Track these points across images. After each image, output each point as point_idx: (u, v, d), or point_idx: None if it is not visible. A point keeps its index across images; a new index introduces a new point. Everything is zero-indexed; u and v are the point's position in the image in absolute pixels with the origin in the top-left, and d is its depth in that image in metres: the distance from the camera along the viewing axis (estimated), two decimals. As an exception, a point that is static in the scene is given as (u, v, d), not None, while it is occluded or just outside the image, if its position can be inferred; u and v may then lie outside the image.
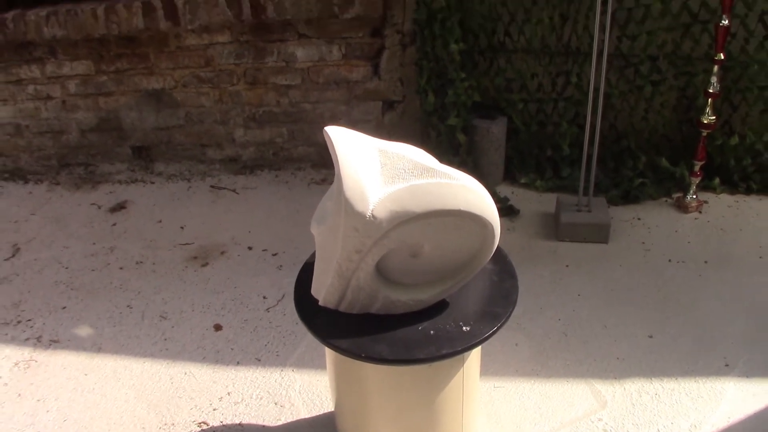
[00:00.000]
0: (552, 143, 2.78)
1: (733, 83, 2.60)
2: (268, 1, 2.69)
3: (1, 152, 3.42)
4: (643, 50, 2.60)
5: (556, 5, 2.59)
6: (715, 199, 2.72)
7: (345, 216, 1.17)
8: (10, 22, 3.01)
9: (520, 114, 2.78)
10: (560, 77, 2.70)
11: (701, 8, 2.50)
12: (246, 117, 3.03)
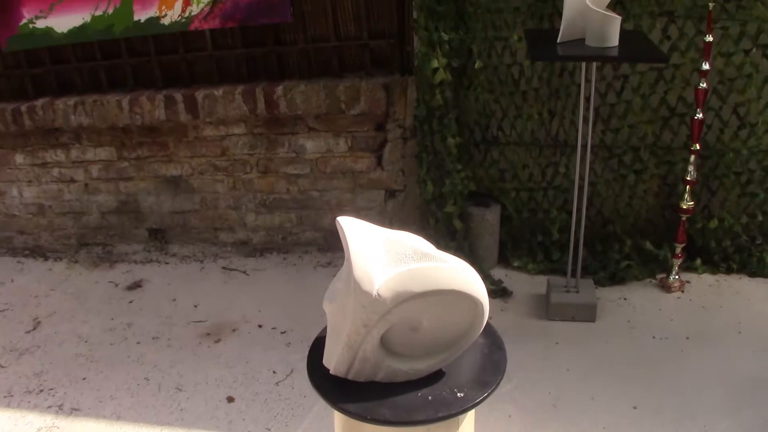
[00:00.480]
0: (543, 229, 3.05)
1: (710, 170, 2.88)
2: (281, 98, 3.02)
3: (23, 230, 3.69)
4: (626, 142, 2.90)
5: (544, 102, 2.91)
6: (697, 278, 2.95)
7: (354, 295, 1.41)
8: (39, 109, 3.34)
9: (513, 202, 3.06)
10: (549, 168, 3.00)
11: (678, 102, 2.80)
12: (257, 203, 3.32)
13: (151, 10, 3.15)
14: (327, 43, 3.05)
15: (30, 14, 3.32)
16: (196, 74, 3.25)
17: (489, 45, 2.86)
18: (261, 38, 3.11)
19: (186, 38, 3.19)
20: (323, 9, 3.00)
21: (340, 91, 2.94)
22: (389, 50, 3.01)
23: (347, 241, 1.41)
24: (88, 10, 3.23)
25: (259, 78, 3.16)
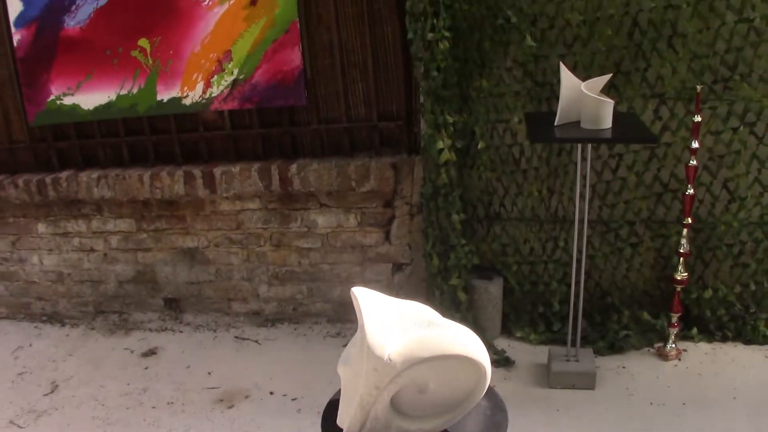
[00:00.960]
0: (544, 300, 3.25)
1: (703, 243, 3.09)
2: (294, 175, 3.28)
3: (42, 297, 3.91)
4: (622, 217, 3.13)
5: (543, 180, 3.16)
6: (693, 347, 3.12)
7: (367, 359, 1.61)
8: (63, 181, 3.61)
9: (515, 275, 3.27)
10: (549, 242, 3.22)
11: (671, 179, 3.04)
12: (270, 275, 3.54)
13: (173, 90, 3.46)
14: (339, 124, 3.34)
15: (58, 91, 3.64)
16: (214, 152, 3.53)
17: (491, 127, 3.13)
18: (277, 119, 3.40)
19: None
20: (336, 93, 3.30)
21: (351, 170, 3.21)
22: (397, 131, 3.29)
23: (361, 309, 1.62)
24: (114, 89, 3.54)
25: (274, 156, 3.43)
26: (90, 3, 3.46)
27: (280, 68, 3.30)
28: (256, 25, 3.27)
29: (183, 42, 3.38)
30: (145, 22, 3.41)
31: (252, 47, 3.30)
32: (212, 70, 3.38)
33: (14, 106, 3.77)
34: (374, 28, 3.19)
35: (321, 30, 3.25)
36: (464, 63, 3.08)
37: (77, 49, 3.54)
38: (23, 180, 3.72)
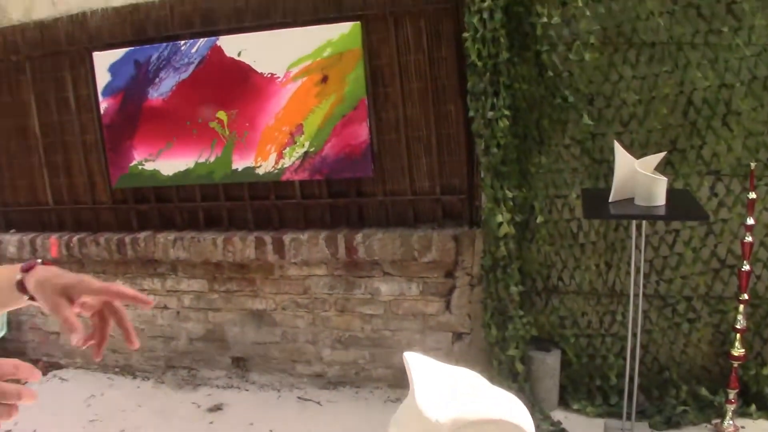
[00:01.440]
0: (601, 374, 3.57)
1: (761, 318, 3.36)
2: (360, 244, 3.72)
3: (115, 349, 4.44)
4: (679, 292, 3.43)
5: (601, 254, 3.52)
6: (752, 424, 3.34)
7: (417, 421, 2.00)
8: (142, 241, 4.15)
9: (573, 347, 3.61)
10: (607, 315, 3.56)
11: (728, 254, 3.33)
12: (333, 339, 3.97)
13: (248, 160, 3.97)
14: (403, 196, 3.78)
15: (140, 157, 4.21)
16: (284, 219, 4.01)
17: (550, 202, 3.52)
18: (344, 190, 3.87)
19: (277, 187, 3.97)
20: (401, 167, 3.74)
21: (414, 241, 3.63)
22: (459, 205, 3.71)
23: (412, 373, 2.02)
24: (192, 157, 4.08)
25: (341, 225, 3.89)
26: (173, 76, 4.03)
27: (348, 142, 3.77)
28: (327, 101, 3.76)
29: (258, 115, 3.90)
30: (224, 96, 3.95)
31: (322, 122, 3.79)
32: (285, 143, 3.88)
33: (99, 169, 4.36)
34: (438, 106, 3.64)
35: (388, 107, 3.71)
36: (523, 140, 3.48)
37: (159, 119, 4.10)
38: (104, 238, 4.28)
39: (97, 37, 4.17)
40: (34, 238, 4.52)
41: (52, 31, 4.31)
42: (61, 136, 4.43)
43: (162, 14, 4.00)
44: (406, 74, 3.65)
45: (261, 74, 3.84)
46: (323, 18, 3.68)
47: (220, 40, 3.88)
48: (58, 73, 4.34)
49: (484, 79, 3.30)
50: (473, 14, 3.27)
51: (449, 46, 3.53)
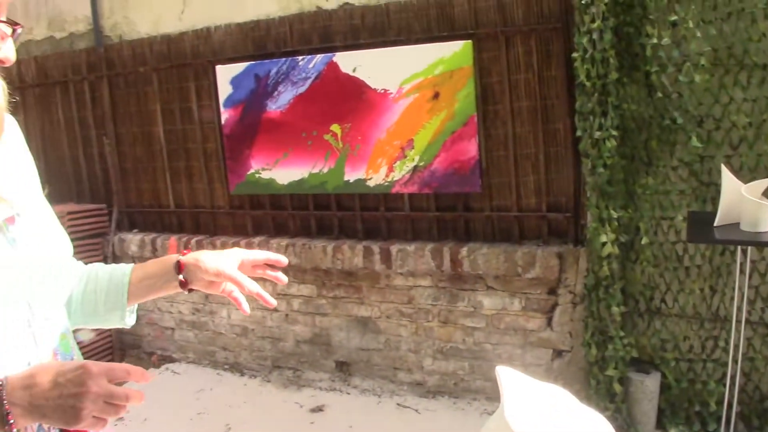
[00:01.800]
0: (700, 399, 3.74)
1: None
2: (465, 258, 4.04)
3: (226, 347, 4.94)
4: (788, 321, 3.59)
5: (706, 278, 3.69)
6: None
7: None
8: (255, 245, 4.55)
9: (673, 371, 3.78)
10: (709, 341, 3.72)
11: None
12: (435, 349, 4.30)
13: (359, 172, 4.37)
14: (510, 212, 4.06)
15: (257, 166, 4.69)
16: (393, 230, 4.38)
17: (656, 223, 3.72)
18: (452, 204, 4.20)
19: (387, 199, 4.35)
20: (508, 183, 4.04)
21: (518, 256, 3.91)
22: (565, 223, 3.97)
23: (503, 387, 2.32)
24: (307, 168, 4.52)
25: (447, 239, 4.22)
26: (290, 90, 4.48)
27: (457, 158, 4.10)
28: (438, 117, 4.11)
29: (371, 129, 4.29)
30: (338, 110, 4.36)
31: (433, 137, 4.14)
32: (395, 156, 4.25)
33: (218, 176, 4.87)
34: (547, 124, 3.91)
35: (497, 124, 4.02)
36: (631, 160, 3.71)
37: (277, 130, 4.57)
38: (220, 242, 4.78)
39: (220, 51, 4.68)
40: (155, 238, 5.09)
41: (178, 45, 4.87)
42: (184, 143, 4.97)
43: (282, 31, 4.46)
44: (516, 92, 3.94)
45: (374, 90, 4.22)
46: (436, 36, 4.02)
47: (336, 57, 4.29)
48: (183, 84, 4.89)
49: (592, 99, 3.54)
50: (583, 35, 3.52)
51: (559, 65, 3.79)
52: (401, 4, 4.10)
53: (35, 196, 1.34)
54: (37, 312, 1.22)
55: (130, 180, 5.33)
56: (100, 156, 5.39)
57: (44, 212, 1.35)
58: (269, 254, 1.54)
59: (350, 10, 4.25)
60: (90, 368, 1.06)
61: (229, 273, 1.43)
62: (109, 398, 1.06)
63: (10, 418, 1.04)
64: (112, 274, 1.50)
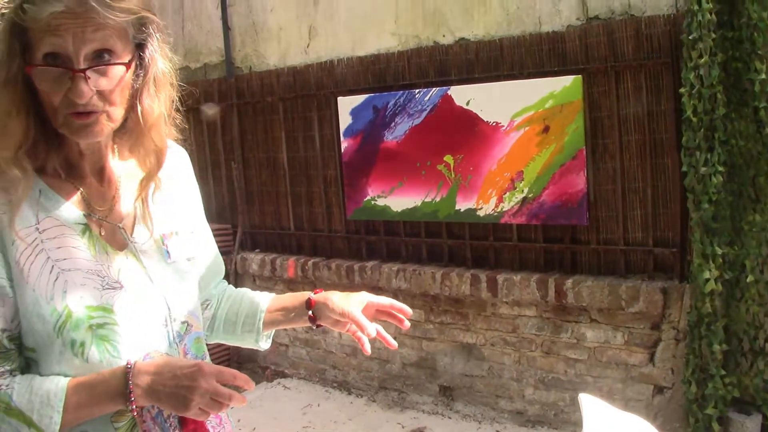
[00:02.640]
0: (807, 443, 3.85)
1: None
2: (569, 289, 4.31)
3: (335, 366, 5.38)
4: None
5: (819, 322, 3.81)
6: None
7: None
8: (369, 269, 5.04)
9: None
10: (817, 385, 3.83)
11: None
12: (537, 379, 4.58)
13: (470, 202, 4.73)
14: (616, 246, 4.30)
15: (374, 193, 5.14)
16: (500, 259, 4.70)
17: (762, 261, 3.83)
18: (559, 236, 4.48)
19: (496, 228, 4.68)
20: (615, 217, 4.29)
21: (623, 290, 4.14)
22: (671, 258, 4.16)
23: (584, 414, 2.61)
24: (420, 196, 4.92)
25: (553, 269, 4.50)
26: (406, 121, 4.92)
27: (565, 190, 4.39)
28: (547, 150, 4.42)
29: (482, 161, 4.65)
30: (452, 141, 4.75)
31: (542, 169, 4.45)
32: (505, 187, 4.58)
33: (336, 201, 5.36)
34: (655, 158, 4.13)
35: (606, 158, 4.28)
36: (738, 197, 3.85)
37: (393, 160, 5.01)
38: (336, 264, 5.26)
39: (342, 83, 5.19)
40: (275, 258, 5.64)
41: (303, 77, 5.42)
42: (306, 169, 5.51)
43: (400, 64, 4.91)
44: (625, 126, 4.19)
45: (487, 122, 4.59)
46: (547, 71, 4.35)
47: (450, 90, 4.69)
48: (307, 113, 5.43)
49: (698, 135, 3.75)
50: (690, 70, 3.73)
51: (668, 100, 4.02)
52: (514, 39, 4.45)
53: (196, 218, 1.67)
54: (174, 314, 1.48)
55: (255, 202, 5.92)
56: (228, 179, 6.01)
57: (202, 232, 1.68)
58: (394, 302, 1.73)
59: (465, 45, 4.64)
60: (203, 367, 1.32)
61: (354, 315, 1.63)
62: (215, 395, 1.30)
63: (132, 396, 1.30)
64: (252, 300, 1.77)
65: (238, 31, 5.95)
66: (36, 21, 1.25)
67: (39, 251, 1.33)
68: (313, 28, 5.46)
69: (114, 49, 1.31)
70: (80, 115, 1.31)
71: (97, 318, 1.35)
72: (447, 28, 4.77)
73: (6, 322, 1.32)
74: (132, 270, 1.44)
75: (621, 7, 4.13)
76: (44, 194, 1.38)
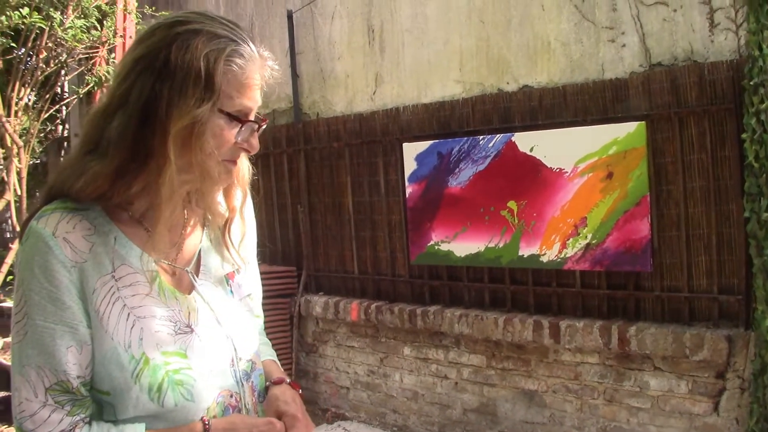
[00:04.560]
0: None
1: None
2: (632, 337, 4.38)
3: (396, 410, 5.52)
4: None
5: None
6: None
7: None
8: (431, 314, 5.19)
9: None
10: None
11: None
12: (599, 427, 4.62)
13: (533, 248, 4.87)
14: (680, 293, 4.36)
15: (437, 238, 5.31)
16: (563, 306, 4.80)
17: (832, 311, 3.91)
18: (623, 282, 4.56)
19: (559, 275, 4.79)
20: (680, 263, 4.36)
21: (687, 338, 4.20)
22: (736, 305, 4.21)
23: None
24: (484, 242, 5.08)
25: (616, 316, 4.58)
26: (470, 167, 5.10)
27: (629, 236, 4.49)
28: (611, 196, 4.54)
29: (546, 207, 4.79)
30: (515, 187, 4.91)
31: (605, 216, 4.56)
32: (568, 233, 4.71)
33: (400, 246, 5.56)
34: (720, 205, 4.21)
35: (670, 204, 4.38)
36: (805, 245, 3.94)
37: (457, 205, 5.18)
38: (398, 308, 5.43)
39: (407, 129, 5.43)
40: (338, 301, 5.84)
41: (369, 123, 5.68)
42: (371, 214, 5.73)
43: (464, 111, 5.12)
44: (689, 173, 4.29)
45: (550, 168, 4.75)
46: (610, 117, 4.49)
47: (514, 136, 4.87)
48: (372, 159, 5.67)
49: (760, 180, 3.84)
50: (752, 115, 3.84)
51: (732, 145, 4.11)
52: (578, 86, 4.62)
53: (251, 255, 1.74)
54: (240, 353, 1.57)
55: (320, 246, 6.15)
56: (293, 223, 6.28)
57: (253, 269, 1.74)
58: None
59: (529, 93, 4.82)
60: (276, 424, 1.48)
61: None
62: None
63: None
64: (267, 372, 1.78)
65: (306, 78, 6.26)
66: (236, 77, 1.41)
67: (116, 299, 1.40)
68: (379, 75, 5.72)
69: None
70: (233, 163, 1.48)
71: (173, 363, 1.42)
72: (511, 75, 4.97)
73: (81, 369, 1.37)
74: (200, 312, 1.52)
75: (684, 54, 4.27)
76: (119, 241, 1.44)
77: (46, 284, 1.35)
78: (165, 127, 1.36)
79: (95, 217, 1.43)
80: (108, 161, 1.38)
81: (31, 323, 1.35)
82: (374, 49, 5.73)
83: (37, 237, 1.36)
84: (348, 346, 5.91)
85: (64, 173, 1.44)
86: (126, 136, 1.37)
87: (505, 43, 4.99)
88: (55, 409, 1.35)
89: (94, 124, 1.44)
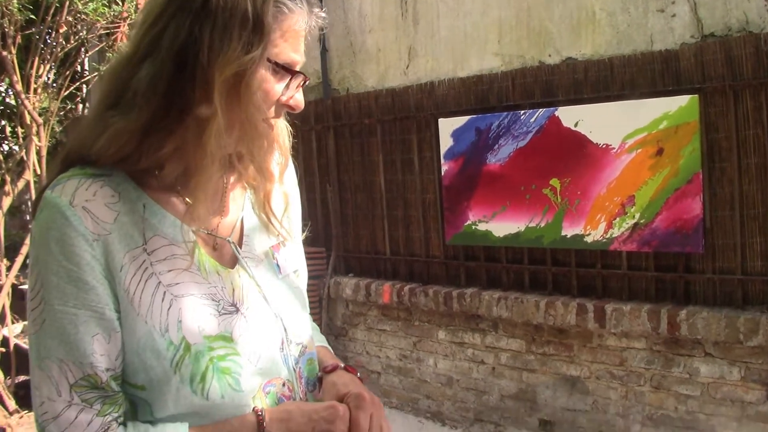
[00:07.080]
0: None
1: None
2: (683, 321, 4.28)
3: (429, 396, 5.45)
4: None
5: None
6: None
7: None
8: (468, 296, 5.11)
9: None
10: None
11: None
12: (645, 416, 4.53)
13: (577, 228, 4.76)
14: (733, 275, 4.25)
15: (474, 218, 5.22)
16: (608, 288, 4.70)
17: None
18: (672, 264, 4.46)
19: (604, 256, 4.69)
20: (732, 244, 4.24)
21: (740, 323, 4.09)
22: (794, 289, 4.12)
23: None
24: (524, 221, 4.98)
25: (665, 300, 4.47)
26: (511, 144, 5.00)
27: (680, 216, 4.38)
28: (660, 174, 4.43)
29: (591, 185, 4.68)
30: (558, 165, 4.80)
31: (655, 194, 4.45)
32: (615, 213, 4.60)
33: (435, 226, 5.47)
34: (778, 183, 4.12)
35: (723, 182, 4.25)
36: None
37: (496, 183, 5.08)
38: (433, 290, 5.34)
39: (443, 104, 5.32)
40: (369, 283, 5.76)
41: (402, 98, 5.58)
42: (403, 193, 5.64)
43: (504, 85, 5.01)
44: (744, 149, 4.16)
45: (596, 144, 4.63)
46: (660, 91, 4.37)
47: (558, 111, 4.76)
48: (405, 136, 5.58)
49: (818, 158, 3.75)
50: (810, 89, 3.75)
51: (791, 121, 4.01)
52: (625, 58, 4.49)
53: (296, 228, 1.59)
54: (290, 335, 1.41)
55: (349, 226, 6.08)
56: (322, 202, 6.20)
57: (298, 244, 1.59)
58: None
59: (573, 65, 4.71)
60: (338, 409, 1.30)
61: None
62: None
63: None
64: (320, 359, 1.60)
65: (336, 53, 6.17)
66: (287, 21, 1.24)
67: (149, 276, 1.23)
68: (413, 48, 5.62)
69: None
70: (272, 123, 1.32)
71: (217, 349, 1.25)
72: (553, 48, 4.85)
73: (110, 360, 1.20)
74: (246, 289, 1.35)
75: (738, 24, 4.14)
76: (149, 209, 1.27)
77: (64, 262, 1.17)
78: (207, 76, 1.18)
79: (119, 183, 1.25)
80: (135, 115, 1.19)
81: (49, 309, 1.17)
82: (407, 21, 5.62)
83: (52, 208, 1.18)
84: (379, 329, 5.84)
85: (82, 134, 1.26)
86: (159, 84, 1.19)
87: (547, 14, 4.87)
88: (83, 408, 1.18)
89: (116, 76, 1.25)
